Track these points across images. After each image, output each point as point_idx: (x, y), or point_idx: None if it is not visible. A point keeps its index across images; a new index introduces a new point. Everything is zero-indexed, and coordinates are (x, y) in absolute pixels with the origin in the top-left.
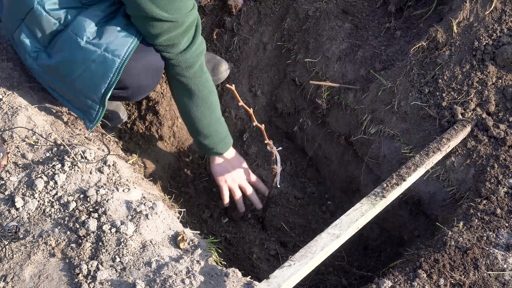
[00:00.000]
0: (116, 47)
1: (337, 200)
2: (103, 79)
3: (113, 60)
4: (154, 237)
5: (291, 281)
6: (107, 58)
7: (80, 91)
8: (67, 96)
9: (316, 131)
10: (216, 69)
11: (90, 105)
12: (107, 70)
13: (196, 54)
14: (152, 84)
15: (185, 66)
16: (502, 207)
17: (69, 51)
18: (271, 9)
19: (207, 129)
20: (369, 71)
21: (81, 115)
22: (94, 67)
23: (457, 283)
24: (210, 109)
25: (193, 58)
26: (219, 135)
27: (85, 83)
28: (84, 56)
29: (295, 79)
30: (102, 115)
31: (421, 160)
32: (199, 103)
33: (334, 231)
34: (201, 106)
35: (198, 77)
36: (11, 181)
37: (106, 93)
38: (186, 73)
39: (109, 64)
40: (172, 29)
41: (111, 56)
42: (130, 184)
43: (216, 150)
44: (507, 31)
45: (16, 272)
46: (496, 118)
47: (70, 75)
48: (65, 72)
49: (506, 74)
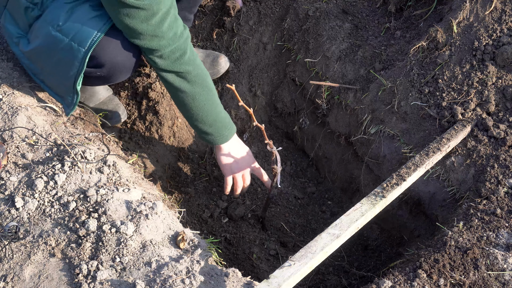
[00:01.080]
0: (82, 36)
1: (337, 200)
2: (71, 67)
3: (79, 50)
4: (154, 237)
5: (291, 281)
6: (73, 47)
7: (55, 78)
8: (47, 81)
9: (316, 131)
10: (215, 62)
11: (65, 91)
12: (73, 59)
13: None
14: (127, 61)
15: (180, 54)
16: (502, 207)
17: (42, 39)
18: (271, 9)
19: (211, 116)
20: (369, 71)
21: (60, 100)
22: (63, 55)
23: (457, 283)
24: (211, 93)
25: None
26: (224, 121)
27: (57, 70)
28: (54, 44)
29: (295, 79)
30: (77, 101)
31: (421, 160)
32: (200, 89)
33: (334, 231)
34: (202, 92)
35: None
36: (11, 181)
37: (76, 80)
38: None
39: (75, 53)
40: (150, 17)
41: (77, 46)
42: (130, 184)
43: (222, 137)
44: (507, 31)
45: (16, 272)
46: (496, 118)
47: (45, 62)
48: (41, 58)
49: (506, 74)
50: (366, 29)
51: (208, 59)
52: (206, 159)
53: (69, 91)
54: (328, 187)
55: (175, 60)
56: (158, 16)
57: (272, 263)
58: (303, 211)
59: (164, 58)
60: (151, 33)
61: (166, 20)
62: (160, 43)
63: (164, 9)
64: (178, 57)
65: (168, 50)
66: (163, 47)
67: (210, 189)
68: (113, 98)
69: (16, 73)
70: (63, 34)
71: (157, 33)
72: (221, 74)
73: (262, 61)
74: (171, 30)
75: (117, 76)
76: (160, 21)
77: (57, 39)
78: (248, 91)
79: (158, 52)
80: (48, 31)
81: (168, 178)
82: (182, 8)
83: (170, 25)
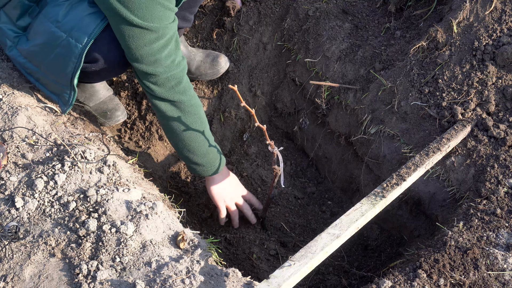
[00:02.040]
0: (79, 32)
1: (337, 200)
2: (68, 63)
3: (76, 46)
4: (154, 237)
5: (291, 281)
6: (71, 43)
7: (52, 75)
8: (43, 80)
9: (316, 131)
10: (215, 62)
11: (62, 89)
12: (71, 55)
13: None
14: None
15: (175, 82)
16: (502, 207)
17: (41, 34)
18: (271, 9)
19: (203, 147)
20: (369, 71)
21: (56, 99)
22: (60, 52)
23: (457, 283)
24: (204, 124)
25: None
26: (215, 152)
27: (55, 67)
28: (53, 40)
29: (295, 79)
30: (74, 98)
31: (421, 160)
32: (193, 119)
33: (334, 231)
34: (195, 123)
35: (188, 90)
36: (11, 181)
37: (73, 77)
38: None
39: (72, 49)
40: (153, 41)
41: (74, 42)
42: (130, 184)
43: (214, 168)
44: (507, 31)
45: (16, 272)
46: (496, 118)
47: (42, 58)
48: (39, 55)
49: (506, 74)
50: (366, 29)
51: (208, 59)
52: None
53: (66, 88)
54: (328, 187)
55: (170, 88)
56: (162, 41)
57: (272, 263)
58: (303, 211)
59: (159, 85)
60: (151, 57)
61: (168, 47)
62: (157, 69)
63: (169, 35)
64: (174, 86)
65: (164, 77)
66: (160, 73)
67: None
68: (113, 98)
69: (16, 73)
70: (62, 30)
71: (156, 58)
72: (221, 74)
73: (262, 61)
74: (170, 57)
75: (111, 71)
76: (162, 47)
77: (55, 35)
78: (248, 91)
79: (153, 77)
80: (48, 27)
81: (168, 178)
82: (183, 8)
83: (170, 52)
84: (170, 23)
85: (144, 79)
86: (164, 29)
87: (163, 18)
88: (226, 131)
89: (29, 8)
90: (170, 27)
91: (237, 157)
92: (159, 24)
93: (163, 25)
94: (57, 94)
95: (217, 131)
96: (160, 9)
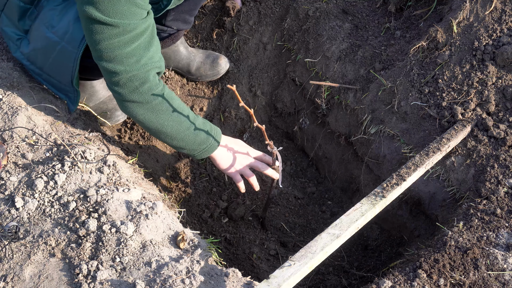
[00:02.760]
0: (73, 37)
1: (337, 200)
2: (66, 67)
3: (72, 51)
4: (154, 237)
5: (291, 281)
6: (66, 48)
7: (55, 77)
8: (49, 81)
9: (316, 131)
10: (215, 63)
11: (67, 89)
12: (68, 60)
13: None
14: None
15: (138, 83)
16: (502, 207)
17: (38, 40)
18: (271, 9)
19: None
20: (369, 71)
21: (64, 97)
22: (58, 56)
23: (457, 283)
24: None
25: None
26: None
27: (55, 70)
28: (49, 46)
29: (295, 79)
30: (78, 97)
31: (421, 160)
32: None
33: (334, 231)
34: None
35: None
36: (11, 181)
37: (72, 79)
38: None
39: (69, 54)
40: (114, 36)
41: (70, 47)
42: (130, 184)
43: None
44: (507, 31)
45: (16, 272)
46: (496, 118)
47: (44, 63)
48: (39, 59)
49: (506, 74)
50: (366, 29)
51: (208, 60)
52: (206, 159)
53: (70, 90)
54: (328, 187)
55: (134, 90)
56: (124, 37)
57: (272, 263)
58: (303, 211)
59: (121, 86)
60: (110, 53)
61: (132, 44)
62: (116, 67)
63: (134, 33)
64: (137, 86)
65: (126, 76)
66: (121, 72)
67: (210, 189)
68: (113, 98)
69: (16, 73)
70: (57, 35)
71: (116, 54)
72: (221, 75)
73: (262, 61)
74: (133, 56)
75: None
76: (124, 43)
77: (52, 41)
78: (248, 91)
79: (115, 77)
80: (44, 32)
81: (168, 178)
82: (183, 10)
83: (134, 50)
84: (139, 20)
85: (108, 81)
86: (128, 26)
87: (127, 13)
88: (226, 131)
89: (26, 10)
90: (136, 25)
91: None
92: (121, 19)
93: (127, 21)
94: (64, 93)
95: None
96: (124, 4)
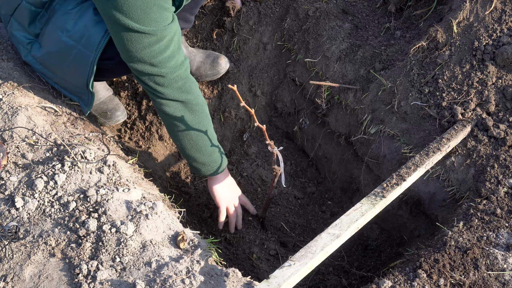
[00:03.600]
0: (89, 41)
1: (337, 200)
2: (82, 71)
3: (88, 55)
4: (154, 237)
5: (291, 281)
6: (83, 52)
7: (69, 80)
8: (62, 84)
9: (316, 131)
10: (216, 63)
11: (80, 91)
12: (84, 63)
13: (185, 67)
14: None
15: (182, 83)
16: (502, 207)
17: (53, 44)
18: (271, 9)
19: (209, 146)
20: (369, 71)
21: (78, 100)
22: (74, 60)
23: (457, 283)
24: (209, 123)
25: (186, 71)
26: (220, 151)
27: (70, 73)
28: (64, 49)
29: (295, 79)
30: (93, 99)
31: (421, 160)
32: (200, 118)
33: (334, 231)
34: (202, 121)
35: (194, 88)
36: (11, 181)
37: (88, 82)
38: (183, 88)
39: (85, 58)
40: (153, 44)
41: (87, 51)
42: (130, 184)
43: (219, 167)
44: (507, 31)
45: (16, 272)
46: (496, 118)
47: (58, 66)
48: (53, 63)
49: (506, 74)
50: (366, 29)
51: (208, 60)
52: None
53: (84, 92)
54: (328, 187)
55: (177, 89)
56: (162, 42)
57: (272, 263)
58: (303, 211)
59: (165, 86)
60: (154, 59)
61: (170, 48)
62: (161, 70)
63: (169, 36)
64: (180, 86)
65: (170, 77)
66: (166, 74)
67: None
68: (113, 98)
69: (16, 73)
70: (73, 40)
71: (159, 60)
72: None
73: (262, 61)
74: (173, 58)
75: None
76: (164, 48)
77: (67, 45)
78: (248, 91)
79: (160, 79)
80: (59, 36)
81: (168, 178)
82: (183, 10)
83: (173, 53)
84: (168, 24)
85: (148, 81)
86: (163, 31)
87: (160, 20)
88: (226, 131)
89: (37, 14)
90: (168, 28)
91: (237, 157)
92: (157, 26)
93: (161, 27)
94: (77, 96)
95: (217, 131)
96: (156, 11)
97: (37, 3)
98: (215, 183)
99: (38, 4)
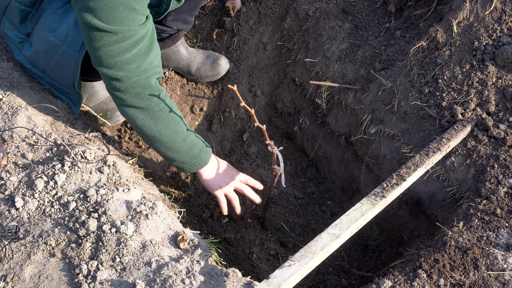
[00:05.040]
0: (73, 40)
1: (337, 200)
2: (68, 71)
3: (73, 55)
4: (154, 237)
5: (291, 281)
6: (68, 52)
7: (57, 80)
8: (51, 83)
9: (316, 131)
10: (216, 63)
11: (68, 92)
12: (69, 63)
13: (148, 75)
14: None
15: (140, 89)
16: (502, 207)
17: (40, 43)
18: (271, 9)
19: (184, 144)
20: (369, 71)
21: (67, 100)
22: (59, 60)
23: (457, 283)
24: (179, 124)
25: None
26: (198, 146)
27: (57, 73)
28: (51, 49)
29: (295, 79)
30: (81, 100)
31: (421, 160)
32: (166, 124)
33: (334, 231)
34: (168, 126)
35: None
36: (11, 181)
37: (74, 82)
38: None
39: (70, 58)
40: (112, 43)
41: (71, 51)
42: (130, 184)
43: (201, 162)
44: (507, 31)
45: (16, 272)
46: (496, 118)
47: (46, 66)
48: (41, 62)
49: (506, 74)
50: (366, 29)
51: (208, 61)
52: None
53: (72, 92)
54: (328, 187)
55: (136, 95)
56: (124, 43)
57: (272, 263)
58: (303, 211)
59: (123, 91)
60: (110, 60)
61: (132, 51)
62: (117, 73)
63: (133, 39)
64: (139, 92)
65: (128, 82)
66: (122, 78)
67: None
68: None
69: (16, 73)
70: (58, 39)
71: (116, 61)
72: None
73: (262, 61)
74: (133, 62)
75: None
76: (124, 50)
77: (53, 44)
78: (248, 91)
79: (117, 83)
80: (45, 35)
81: (168, 178)
82: (183, 11)
83: (134, 57)
84: (138, 26)
85: (108, 86)
86: (126, 32)
87: (126, 19)
88: (226, 131)
89: (27, 14)
90: (135, 30)
91: (237, 157)
92: (120, 26)
93: (125, 28)
94: (66, 96)
95: (217, 131)
96: (123, 10)
97: (26, 2)
98: (203, 176)
99: (28, 3)
